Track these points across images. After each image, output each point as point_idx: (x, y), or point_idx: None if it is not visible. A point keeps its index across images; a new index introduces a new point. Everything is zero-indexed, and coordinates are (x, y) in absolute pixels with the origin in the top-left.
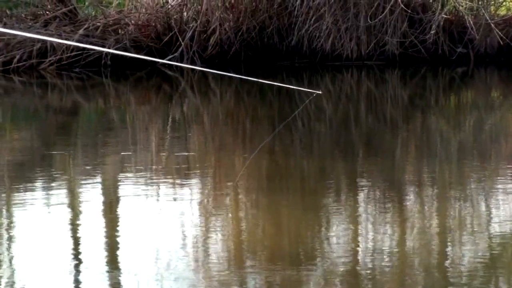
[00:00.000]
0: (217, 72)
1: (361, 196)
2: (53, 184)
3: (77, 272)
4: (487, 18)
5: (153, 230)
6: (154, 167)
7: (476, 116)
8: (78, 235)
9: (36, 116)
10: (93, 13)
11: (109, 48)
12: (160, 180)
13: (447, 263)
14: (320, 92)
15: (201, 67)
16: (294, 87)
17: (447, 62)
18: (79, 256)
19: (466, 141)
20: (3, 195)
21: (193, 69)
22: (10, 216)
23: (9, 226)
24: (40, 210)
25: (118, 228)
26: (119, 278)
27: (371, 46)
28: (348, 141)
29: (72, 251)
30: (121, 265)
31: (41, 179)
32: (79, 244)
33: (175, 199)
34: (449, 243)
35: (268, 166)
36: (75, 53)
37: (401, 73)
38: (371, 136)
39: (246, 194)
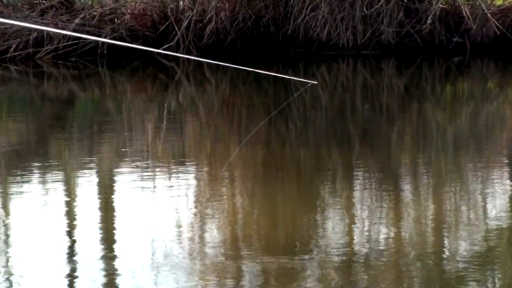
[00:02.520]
0: (213, 62)
1: (357, 185)
2: (49, 173)
3: (73, 260)
4: (484, 8)
5: (148, 219)
6: (149, 155)
7: (472, 105)
8: (74, 223)
9: (32, 105)
10: (89, 2)
11: (105, 37)
12: (155, 169)
13: (442, 252)
14: (316, 83)
15: (197, 56)
16: (290, 77)
17: (443, 51)
18: (75, 244)
19: (461, 131)
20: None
21: (189, 59)
22: (6, 205)
23: (5, 215)
24: (36, 199)
25: (113, 216)
26: (115, 265)
27: (367, 35)
28: (344, 131)
29: (67, 240)
30: (117, 253)
31: (37, 168)
32: (74, 232)
33: (170, 187)
34: (444, 232)
35: (263, 155)
36: (71, 42)
37: (397, 63)
38: (367, 125)
39: (240, 183)
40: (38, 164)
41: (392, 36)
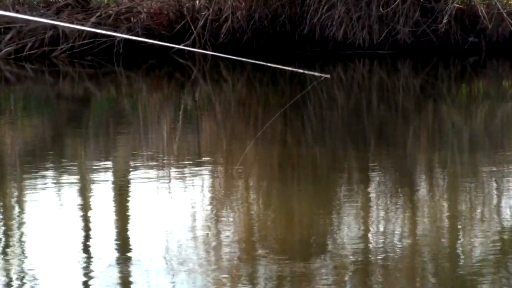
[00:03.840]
0: (230, 57)
1: (372, 185)
2: (64, 172)
3: (87, 262)
4: (499, 7)
5: (164, 218)
6: (165, 154)
7: (487, 105)
8: (89, 223)
9: (47, 104)
10: (105, 1)
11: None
12: (171, 168)
13: (459, 253)
14: (328, 76)
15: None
16: (303, 71)
17: (459, 51)
18: (90, 246)
19: (477, 131)
20: (15, 182)
21: (205, 57)
22: (21, 203)
23: (21, 213)
24: (51, 197)
25: (129, 215)
26: (130, 268)
27: (383, 35)
28: (360, 130)
29: (82, 241)
30: (131, 254)
31: (52, 167)
32: (90, 233)
33: (185, 186)
34: (460, 233)
35: (279, 154)
36: (87, 41)
37: (413, 62)
38: (383, 125)
39: (256, 182)
40: (54, 163)
41: (408, 35)
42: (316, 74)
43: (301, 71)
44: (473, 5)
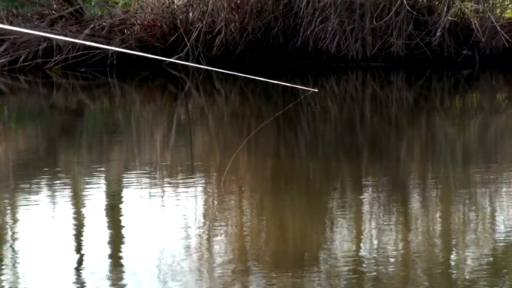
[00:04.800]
0: (222, 71)
1: (366, 197)
2: (57, 184)
3: (80, 271)
4: (493, 20)
5: (156, 231)
6: (158, 166)
7: (481, 118)
8: (82, 234)
9: (41, 116)
10: (99, 13)
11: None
12: (164, 179)
13: (451, 266)
14: (316, 90)
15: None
16: (292, 85)
17: (452, 64)
18: (83, 256)
19: (471, 144)
20: (8, 194)
21: (198, 69)
22: (14, 215)
23: (14, 226)
24: (44, 210)
25: (121, 228)
26: (123, 279)
27: (376, 47)
28: (353, 142)
29: (75, 251)
30: (124, 265)
31: (45, 179)
32: (82, 243)
33: (178, 199)
34: (453, 246)
35: (272, 166)
36: (81, 52)
37: (406, 75)
38: (376, 137)
39: (248, 194)
40: (47, 175)
41: (401, 48)
42: (305, 88)
43: (289, 85)
44: (466, 18)
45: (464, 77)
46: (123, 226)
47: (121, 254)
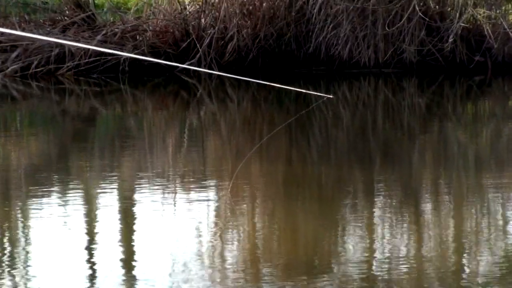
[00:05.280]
0: (235, 77)
1: (378, 204)
2: (69, 190)
3: (93, 277)
4: (505, 26)
5: (169, 238)
6: (170, 173)
7: (493, 125)
8: (94, 240)
9: (53, 122)
10: (111, 19)
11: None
12: (176, 186)
13: (464, 272)
14: (331, 96)
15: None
16: (306, 91)
17: (464, 70)
18: (95, 262)
19: (483, 150)
20: (20, 200)
21: (210, 76)
22: (26, 221)
23: (26, 232)
24: (56, 216)
25: (134, 235)
26: (135, 284)
27: (388, 54)
28: (365, 149)
29: (87, 257)
30: (136, 273)
31: (57, 185)
32: (94, 249)
33: (190, 205)
34: (466, 253)
35: (284, 172)
36: (93, 59)
37: (419, 81)
38: (388, 143)
39: (261, 201)
40: (59, 181)
41: (413, 54)
42: (319, 94)
43: (304, 91)
44: (479, 24)
45: (476, 83)
46: (135, 232)
47: (133, 261)
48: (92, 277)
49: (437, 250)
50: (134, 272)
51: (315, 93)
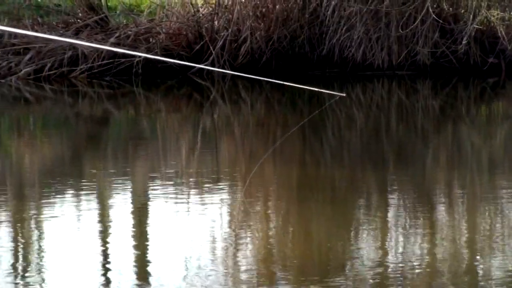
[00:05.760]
0: (249, 76)
1: (392, 206)
2: (83, 192)
3: (106, 280)
4: None
5: (183, 240)
6: (184, 175)
7: (507, 126)
8: (108, 242)
9: (66, 125)
10: (124, 21)
11: (140, 57)
12: (190, 188)
13: (479, 276)
14: (344, 95)
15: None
16: (319, 90)
17: (478, 72)
18: (109, 264)
19: (497, 152)
20: (34, 202)
21: (223, 78)
22: (40, 224)
23: (39, 235)
24: (70, 219)
25: (148, 237)
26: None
27: (402, 56)
28: (379, 150)
29: (101, 259)
30: (150, 276)
31: (71, 187)
32: (108, 251)
33: (204, 208)
34: (480, 256)
35: (298, 174)
36: (106, 61)
37: (432, 83)
38: (402, 145)
39: (274, 203)
40: (72, 184)
41: (427, 56)
42: (332, 93)
43: (316, 89)
44: (492, 26)
45: (490, 85)
46: (149, 234)
47: (147, 263)
48: (106, 280)
49: (452, 252)
50: (148, 275)
51: (328, 91)
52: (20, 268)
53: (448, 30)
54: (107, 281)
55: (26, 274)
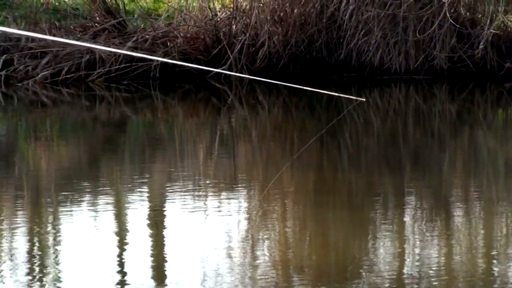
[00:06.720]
0: (267, 81)
1: (408, 211)
2: (100, 196)
3: (123, 282)
4: None
5: (199, 243)
6: (201, 179)
7: None
8: (125, 245)
9: (84, 128)
10: (142, 25)
11: (157, 61)
12: (207, 192)
13: (495, 281)
14: (364, 100)
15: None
16: (338, 94)
17: (495, 77)
18: (125, 267)
19: None
20: (51, 206)
21: (241, 82)
22: (57, 226)
23: (57, 237)
24: (86, 222)
25: (164, 241)
26: None
27: (419, 60)
28: (396, 155)
29: (118, 262)
30: (167, 280)
31: (88, 191)
32: (124, 256)
33: (221, 212)
34: (496, 261)
35: (315, 179)
36: (124, 65)
37: (449, 88)
38: (419, 150)
39: (291, 207)
40: (89, 188)
41: (444, 61)
42: (351, 97)
43: (336, 94)
44: (509, 31)
45: (507, 90)
46: (167, 238)
47: (164, 267)
48: (123, 284)
49: (469, 259)
50: (165, 279)
51: (347, 96)
52: (37, 270)
53: (465, 34)
54: (124, 283)
55: (44, 278)
